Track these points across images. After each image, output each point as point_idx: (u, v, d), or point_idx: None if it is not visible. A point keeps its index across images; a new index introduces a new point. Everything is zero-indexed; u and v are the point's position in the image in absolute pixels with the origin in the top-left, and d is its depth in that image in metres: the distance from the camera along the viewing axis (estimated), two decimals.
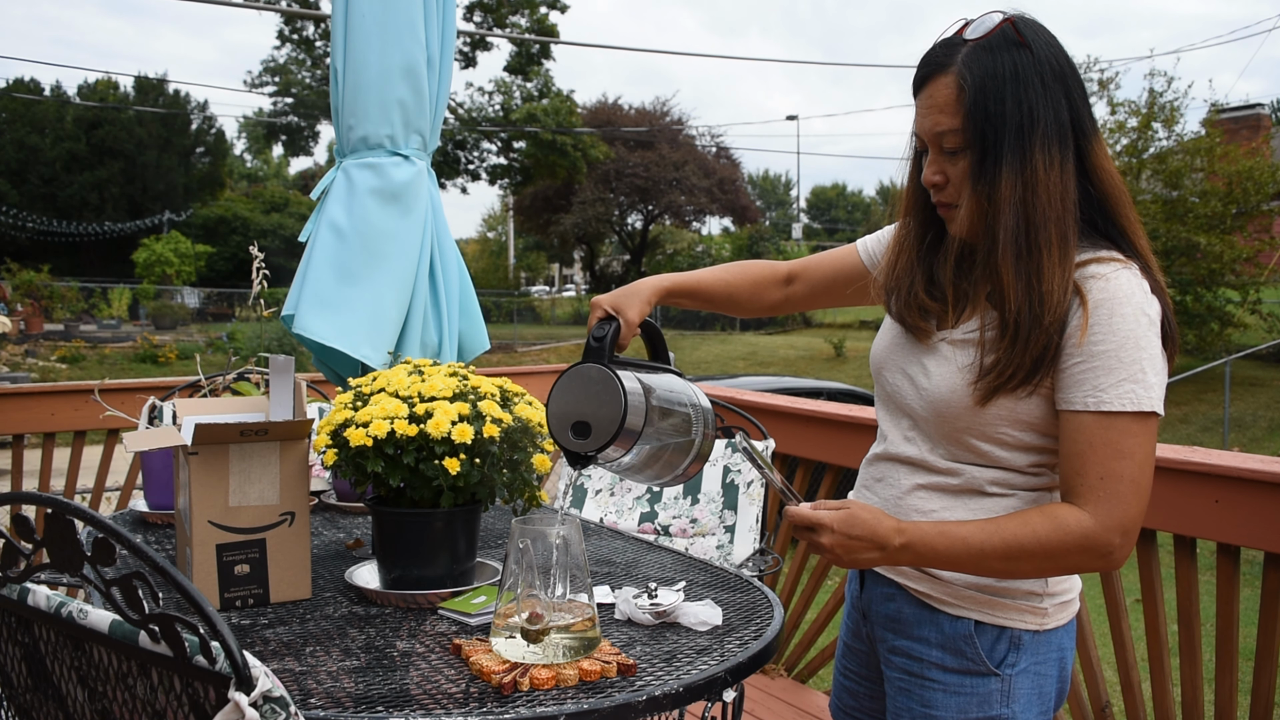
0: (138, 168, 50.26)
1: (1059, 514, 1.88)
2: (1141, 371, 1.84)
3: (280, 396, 2.77)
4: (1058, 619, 2.05)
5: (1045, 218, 1.89)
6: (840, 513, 1.96)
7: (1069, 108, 1.93)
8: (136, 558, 1.24)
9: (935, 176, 2.00)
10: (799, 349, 36.00)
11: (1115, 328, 1.85)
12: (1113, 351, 1.85)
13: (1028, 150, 1.89)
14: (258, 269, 3.79)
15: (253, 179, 77.53)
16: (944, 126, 1.95)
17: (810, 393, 12.06)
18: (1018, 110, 1.89)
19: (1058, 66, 1.93)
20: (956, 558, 1.92)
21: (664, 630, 2.15)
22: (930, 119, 1.97)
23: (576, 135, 47.68)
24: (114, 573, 1.29)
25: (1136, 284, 1.88)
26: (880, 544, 1.93)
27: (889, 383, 2.17)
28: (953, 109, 1.93)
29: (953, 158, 1.97)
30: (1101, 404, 1.86)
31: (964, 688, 2.02)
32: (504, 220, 74.07)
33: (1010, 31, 1.93)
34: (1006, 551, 1.89)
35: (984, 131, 1.91)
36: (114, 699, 1.40)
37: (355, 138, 3.74)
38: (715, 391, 4.84)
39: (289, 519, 2.37)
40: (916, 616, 2.09)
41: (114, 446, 5.38)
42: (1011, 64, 1.91)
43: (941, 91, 1.95)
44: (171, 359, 29.76)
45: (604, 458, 1.93)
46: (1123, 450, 1.85)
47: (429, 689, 1.80)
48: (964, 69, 1.92)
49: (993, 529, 1.91)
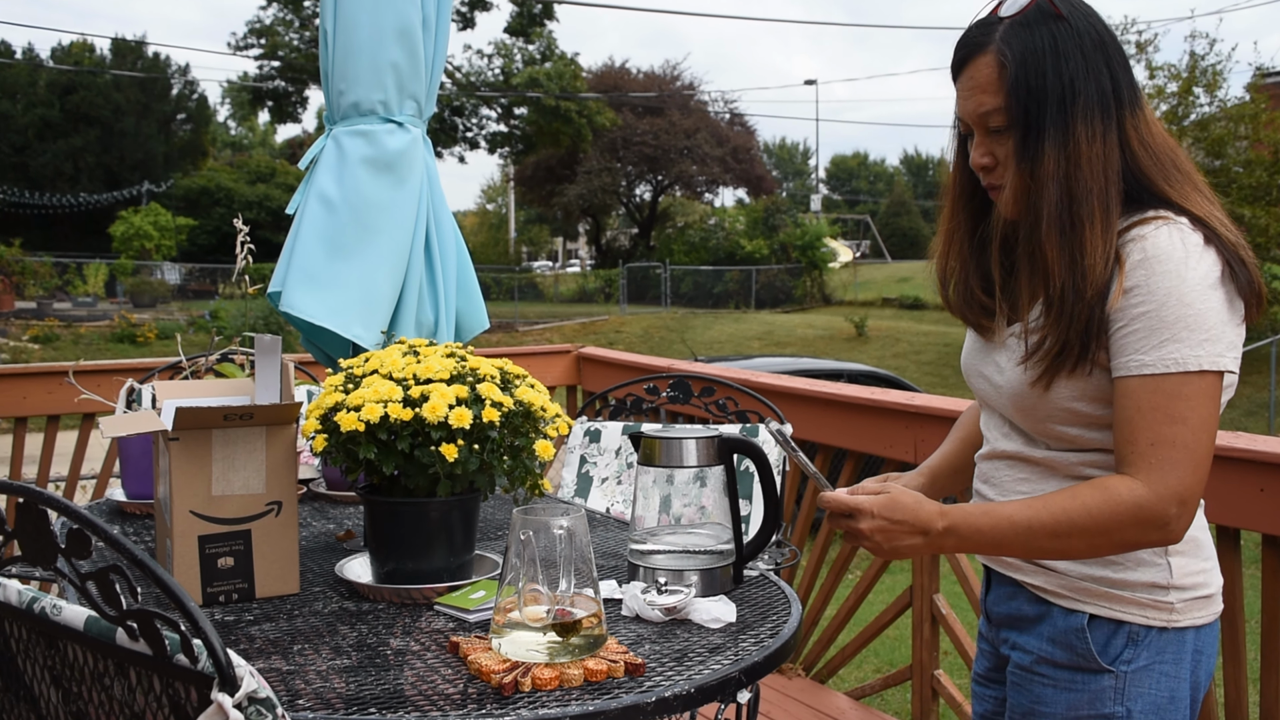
0: (115, 136, 50.30)
1: (1110, 485, 1.90)
2: (1187, 329, 1.86)
3: (266, 379, 2.77)
4: (1191, 617, 2.03)
5: (1088, 190, 1.93)
6: (881, 497, 1.99)
7: (1110, 77, 1.97)
8: (114, 550, 1.24)
9: (984, 159, 2.05)
10: (818, 328, 35.99)
11: (1154, 287, 1.88)
12: (1153, 312, 1.88)
13: (1070, 123, 1.94)
14: (242, 243, 3.79)
15: (237, 147, 77.60)
16: (988, 106, 2.00)
17: (830, 375, 12.08)
18: (1059, 83, 1.94)
19: (1096, 36, 1.97)
20: (1003, 538, 1.95)
21: (674, 627, 2.15)
22: (973, 100, 2.02)
23: (581, 101, 47.67)
24: (90, 566, 1.29)
25: (1179, 238, 1.90)
26: (923, 528, 1.97)
27: (976, 386, 2.23)
28: (995, 87, 1.98)
29: (999, 137, 2.02)
30: (1144, 367, 1.88)
31: (1074, 684, 2.04)
32: (504, 192, 74.12)
33: (1046, 4, 1.98)
34: (1055, 528, 1.91)
35: (1027, 107, 1.96)
36: (89, 700, 1.40)
37: (346, 103, 3.74)
38: (728, 373, 4.83)
39: (276, 509, 2.37)
40: (1034, 612, 2.11)
41: (90, 432, 5.39)
42: (1050, 37, 1.95)
43: (982, 71, 2.00)
44: (151, 339, 29.82)
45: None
46: (1173, 414, 1.87)
47: (424, 689, 1.80)
48: (1003, 46, 1.97)
49: (1040, 505, 1.93)
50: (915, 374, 27.96)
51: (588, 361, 6.56)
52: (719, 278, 48.60)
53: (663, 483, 2.42)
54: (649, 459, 2.41)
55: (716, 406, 3.74)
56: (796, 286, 47.18)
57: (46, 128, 48.98)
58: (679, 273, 48.28)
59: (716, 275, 48.77)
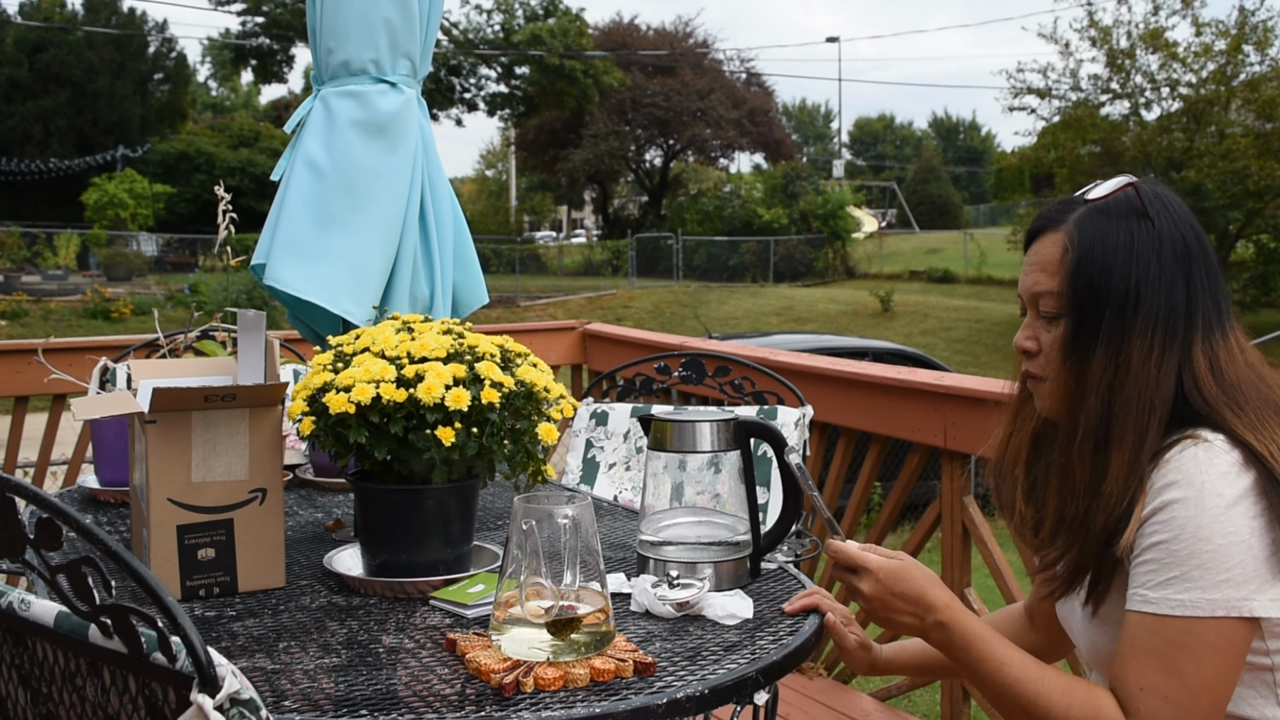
0: (87, 97, 50.28)
1: (1103, 703, 1.87)
2: (1201, 568, 1.79)
3: (250, 357, 2.77)
4: None
5: (1126, 411, 1.89)
6: (891, 563, 2.01)
7: (1186, 294, 1.91)
8: (86, 541, 1.24)
9: (1027, 342, 2.03)
10: (840, 303, 36.02)
11: (1170, 517, 1.82)
12: (1165, 544, 1.82)
13: (1126, 332, 1.90)
14: (224, 212, 3.79)
15: (218, 110, 77.63)
16: (1042, 287, 1.98)
17: (853, 353, 12.09)
18: (1124, 285, 1.90)
19: (1183, 245, 1.92)
20: (982, 672, 1.96)
21: (687, 624, 2.15)
22: (1030, 277, 2.01)
23: (587, 60, 47.58)
24: (60, 558, 1.29)
25: (1207, 461, 1.83)
26: (922, 611, 1.99)
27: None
28: (1054, 269, 1.96)
29: (1048, 324, 2.00)
30: (1147, 603, 1.84)
31: None
32: (504, 157, 74.07)
33: (1133, 198, 1.95)
34: (1030, 704, 1.90)
35: (1083, 302, 1.92)
36: (60, 701, 1.40)
37: (335, 62, 3.73)
38: (745, 352, 4.83)
39: (260, 497, 2.37)
40: None
41: (60, 414, 5.40)
42: (1128, 234, 1.92)
43: (1047, 249, 1.98)
44: (126, 314, 29.88)
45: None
46: (1170, 664, 1.80)
47: (419, 690, 1.81)
48: (1074, 229, 1.95)
49: (1035, 674, 1.92)
50: (945, 352, 27.98)
51: (594, 339, 6.56)
52: (734, 249, 48.61)
53: (674, 469, 2.42)
54: (660, 443, 2.41)
55: (732, 387, 3.74)
56: (818, 258, 47.21)
57: (14, 89, 48.98)
58: (692, 244, 48.30)
59: (732, 246, 48.78)
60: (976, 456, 4.16)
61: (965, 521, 4.17)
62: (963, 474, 4.22)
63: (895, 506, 4.54)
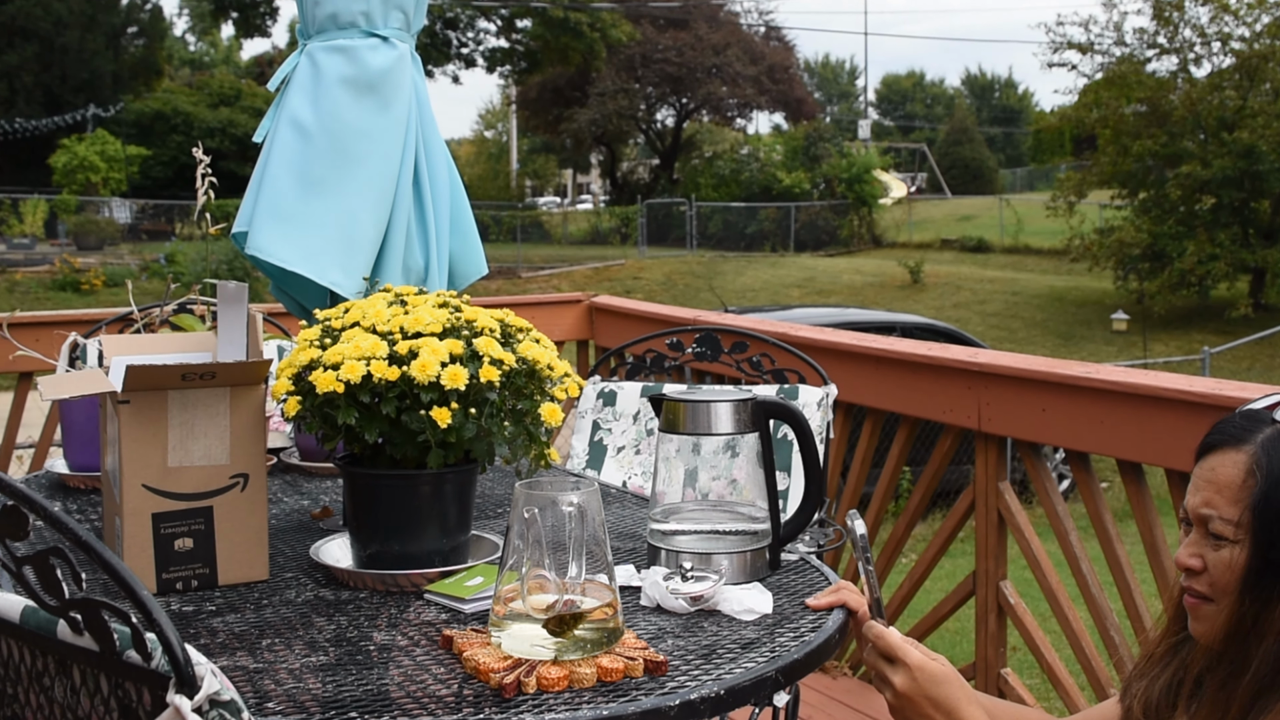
0: (55, 52, 50.22)
1: None
2: None
3: (230, 333, 2.77)
4: None
5: None
6: (933, 665, 2.03)
7: None
8: (54, 530, 1.24)
9: (1191, 560, 1.96)
10: (866, 274, 36.01)
11: None
12: None
13: None
14: (203, 176, 3.78)
15: (197, 66, 77.53)
16: (1217, 511, 1.91)
17: (881, 328, 12.09)
18: None
19: None
20: None
21: (701, 620, 2.15)
22: (1202, 496, 1.94)
23: (593, 12, 47.52)
24: (27, 548, 1.29)
25: None
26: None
27: None
28: (1234, 495, 1.89)
29: (1217, 544, 1.92)
30: None
31: None
32: (505, 117, 73.98)
33: None
34: None
35: (1270, 536, 1.85)
36: (26, 703, 1.40)
37: (322, 15, 3.72)
38: (764, 326, 4.83)
39: (241, 483, 2.37)
40: None
41: (27, 394, 5.40)
42: None
43: (1227, 470, 1.91)
44: (97, 286, 29.94)
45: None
46: None
47: (413, 690, 1.81)
48: (1262, 453, 1.88)
49: None
50: (979, 327, 27.97)
51: (601, 312, 6.56)
52: (752, 216, 48.56)
53: (688, 453, 2.42)
54: (672, 425, 2.41)
55: (750, 364, 3.73)
56: (842, 226, 47.17)
57: None
58: (706, 210, 48.23)
59: (749, 213, 48.72)
60: (1013, 439, 4.15)
61: (1001, 509, 4.17)
62: (998, 458, 4.21)
63: (925, 493, 4.54)
